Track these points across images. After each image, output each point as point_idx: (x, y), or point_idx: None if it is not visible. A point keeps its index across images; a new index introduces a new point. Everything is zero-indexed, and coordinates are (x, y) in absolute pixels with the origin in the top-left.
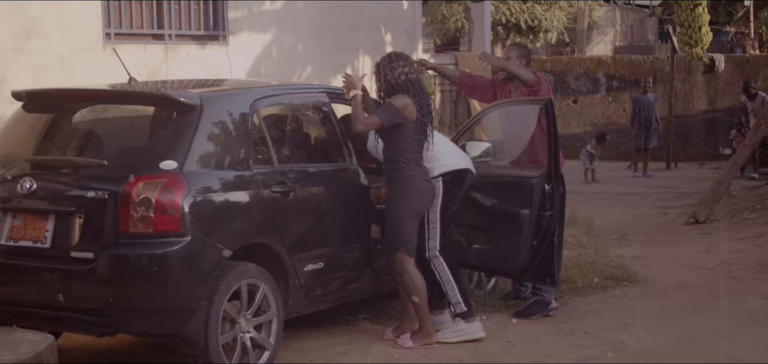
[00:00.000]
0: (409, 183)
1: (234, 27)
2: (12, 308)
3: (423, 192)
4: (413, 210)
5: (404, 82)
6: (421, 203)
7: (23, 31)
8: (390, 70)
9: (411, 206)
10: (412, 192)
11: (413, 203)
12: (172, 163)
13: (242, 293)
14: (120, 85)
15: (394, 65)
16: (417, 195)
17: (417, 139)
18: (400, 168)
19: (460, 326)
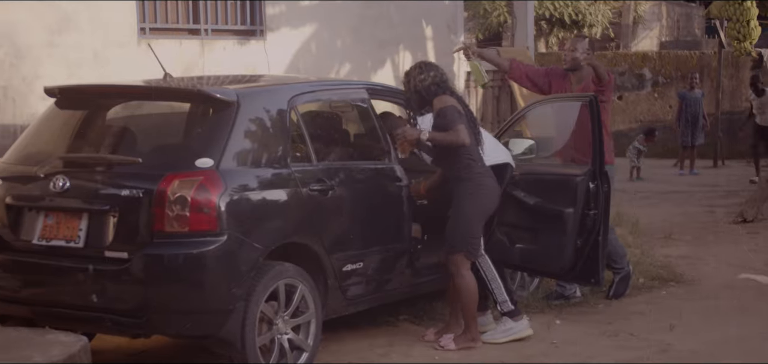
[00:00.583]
0: (477, 181)
1: (272, 22)
2: (44, 309)
3: (491, 190)
4: (482, 210)
5: (434, 86)
6: (489, 202)
7: (56, 27)
8: (420, 80)
9: (480, 206)
10: (479, 190)
11: (482, 202)
12: (208, 160)
13: (280, 293)
14: (155, 81)
15: (424, 76)
16: (485, 193)
17: (472, 134)
18: (466, 166)
19: (507, 325)
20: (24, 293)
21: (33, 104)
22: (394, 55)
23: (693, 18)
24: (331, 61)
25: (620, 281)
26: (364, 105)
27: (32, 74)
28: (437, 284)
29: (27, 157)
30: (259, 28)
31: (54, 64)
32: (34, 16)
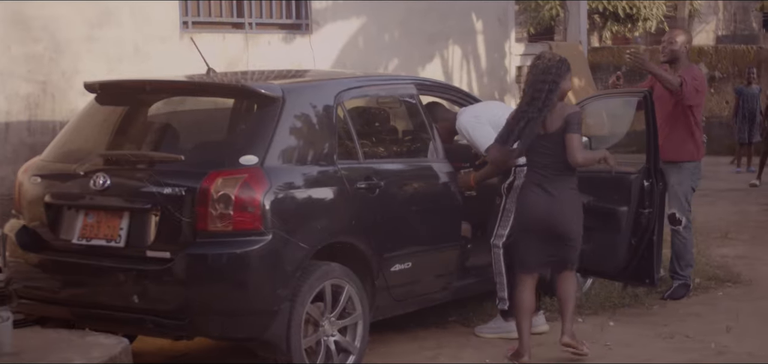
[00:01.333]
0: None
1: (318, 16)
2: (85, 310)
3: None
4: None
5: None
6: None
7: (96, 20)
8: (558, 74)
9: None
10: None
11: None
12: (253, 158)
13: (326, 294)
14: (198, 77)
15: (567, 76)
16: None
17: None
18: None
19: (498, 323)
20: (63, 294)
21: (72, 100)
22: (443, 50)
23: (750, 12)
24: (379, 55)
25: (680, 286)
26: (412, 101)
27: (72, 69)
28: (487, 284)
29: (66, 155)
30: (304, 22)
31: (94, 59)
32: (74, 9)
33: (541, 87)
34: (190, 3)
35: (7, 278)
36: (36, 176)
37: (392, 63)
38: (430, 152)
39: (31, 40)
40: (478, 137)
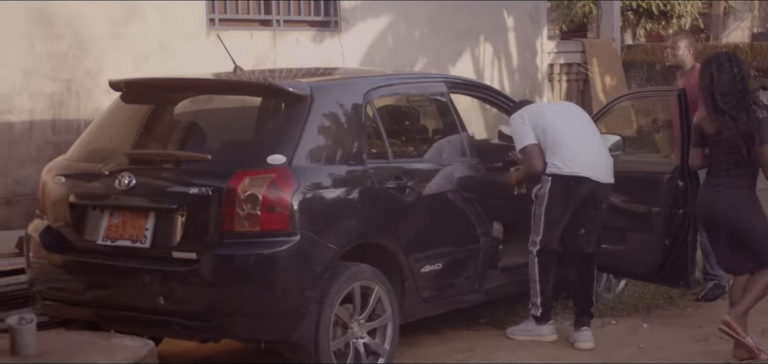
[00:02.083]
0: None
1: (347, 13)
2: (110, 312)
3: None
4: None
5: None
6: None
7: (121, 17)
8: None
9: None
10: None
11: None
12: (281, 157)
13: (355, 295)
14: (224, 75)
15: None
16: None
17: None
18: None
19: (529, 326)
20: (88, 295)
21: (97, 98)
22: (474, 48)
23: None
24: (408, 53)
25: (714, 286)
26: (442, 99)
27: (96, 67)
28: (519, 286)
29: (91, 154)
30: (333, 19)
31: (119, 56)
32: (99, 6)
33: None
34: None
35: (30, 279)
36: (60, 176)
37: (422, 61)
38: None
39: (55, 37)
40: (516, 136)
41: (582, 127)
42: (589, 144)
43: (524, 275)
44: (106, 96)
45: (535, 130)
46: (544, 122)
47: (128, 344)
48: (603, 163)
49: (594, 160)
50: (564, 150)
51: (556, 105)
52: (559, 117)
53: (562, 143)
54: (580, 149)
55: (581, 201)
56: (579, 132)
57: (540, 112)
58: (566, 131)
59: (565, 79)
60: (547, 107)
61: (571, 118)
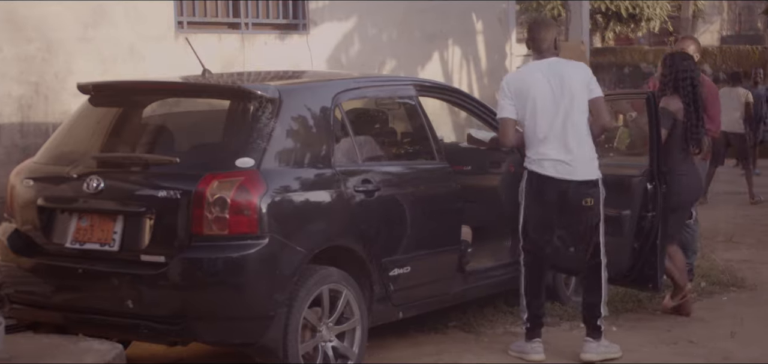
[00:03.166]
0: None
1: (315, 15)
2: (78, 315)
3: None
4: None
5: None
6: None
7: (90, 20)
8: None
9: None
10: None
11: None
12: (249, 160)
13: (324, 299)
14: (193, 78)
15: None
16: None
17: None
18: None
19: (520, 343)
20: (56, 299)
21: (65, 101)
22: (442, 50)
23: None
24: (377, 55)
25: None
26: (411, 102)
27: (65, 70)
28: (488, 289)
29: (59, 157)
30: (301, 22)
31: (87, 59)
32: (67, 9)
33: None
34: (185, 3)
35: None
36: (28, 179)
37: (390, 63)
38: (430, 155)
39: (24, 40)
40: (499, 103)
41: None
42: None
43: (493, 279)
44: (74, 99)
45: (516, 98)
46: (526, 90)
47: (96, 347)
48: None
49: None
50: (538, 139)
51: (535, 67)
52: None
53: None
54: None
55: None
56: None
57: (524, 80)
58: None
59: None
60: (530, 73)
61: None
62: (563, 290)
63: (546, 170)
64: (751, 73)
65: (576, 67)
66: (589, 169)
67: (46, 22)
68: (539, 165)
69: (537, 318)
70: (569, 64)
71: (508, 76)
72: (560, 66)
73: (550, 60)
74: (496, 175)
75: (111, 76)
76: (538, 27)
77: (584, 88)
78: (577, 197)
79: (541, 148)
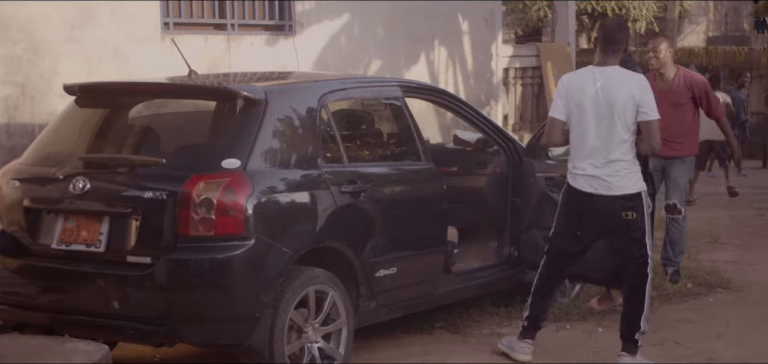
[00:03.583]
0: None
1: (301, 16)
2: (64, 317)
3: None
4: None
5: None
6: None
7: (76, 21)
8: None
9: None
10: None
11: None
12: (235, 161)
13: (310, 300)
14: (179, 79)
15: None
16: None
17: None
18: None
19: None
20: (42, 300)
21: (52, 102)
22: (429, 51)
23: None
24: (363, 57)
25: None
26: (397, 103)
27: (51, 71)
28: (474, 290)
29: (45, 158)
30: (287, 23)
31: (74, 60)
32: (53, 9)
33: None
34: (171, 3)
35: None
36: (14, 180)
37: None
38: (417, 156)
39: (9, 41)
40: (553, 100)
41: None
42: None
43: (479, 279)
44: (60, 100)
45: (564, 99)
46: (574, 91)
47: (83, 348)
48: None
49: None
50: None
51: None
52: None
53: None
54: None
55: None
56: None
57: (581, 80)
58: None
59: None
60: (588, 76)
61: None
62: None
63: (580, 185)
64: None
65: (630, 81)
66: (629, 183)
67: (32, 22)
68: (574, 178)
69: (535, 320)
70: (625, 77)
71: (566, 76)
72: (615, 78)
73: (609, 69)
74: (482, 177)
75: (97, 77)
76: (614, 29)
77: (633, 105)
78: (617, 212)
79: (578, 161)
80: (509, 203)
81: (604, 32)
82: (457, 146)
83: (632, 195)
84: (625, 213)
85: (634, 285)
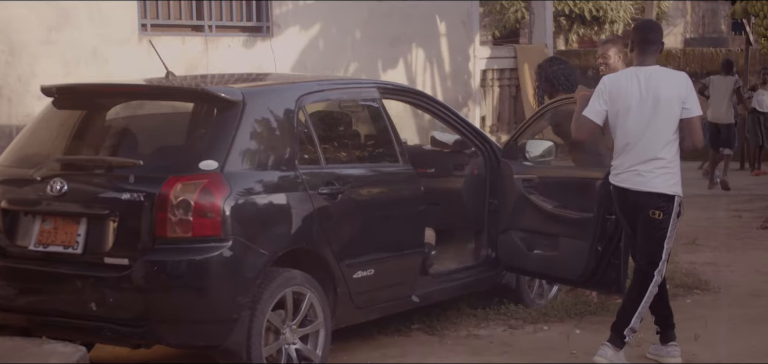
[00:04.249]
0: None
1: (279, 18)
2: (41, 318)
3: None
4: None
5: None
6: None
7: (54, 23)
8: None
9: None
10: None
11: None
12: (213, 163)
13: (287, 301)
14: (156, 80)
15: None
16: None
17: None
18: None
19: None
20: (20, 301)
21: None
22: (406, 53)
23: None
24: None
25: None
26: (375, 105)
27: (28, 72)
28: (451, 292)
29: (23, 160)
30: (265, 24)
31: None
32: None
33: None
34: (148, 5)
35: None
36: None
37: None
38: (394, 157)
39: None
40: (591, 100)
41: None
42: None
43: (456, 281)
44: (37, 102)
45: (608, 104)
46: (620, 95)
47: (60, 349)
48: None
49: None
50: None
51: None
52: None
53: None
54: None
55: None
56: None
57: (626, 82)
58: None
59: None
60: (628, 79)
61: None
62: (527, 293)
63: (622, 182)
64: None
65: (675, 79)
66: (665, 183)
67: (10, 24)
68: (617, 177)
69: (666, 321)
70: (668, 75)
71: (608, 78)
72: (659, 77)
73: (651, 69)
74: (459, 178)
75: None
76: (648, 29)
77: (678, 103)
78: (646, 208)
79: (622, 159)
80: (486, 205)
81: (640, 34)
82: (434, 148)
83: (665, 196)
84: (653, 211)
85: (637, 283)
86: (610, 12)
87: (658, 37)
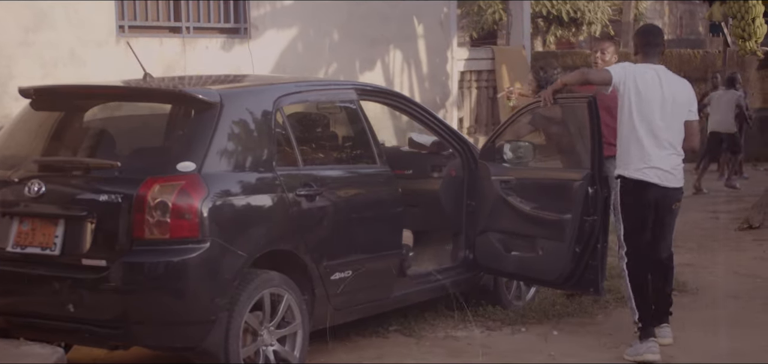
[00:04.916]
0: None
1: (256, 20)
2: (19, 320)
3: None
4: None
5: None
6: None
7: (31, 24)
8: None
9: None
10: None
11: None
12: (190, 164)
13: (265, 303)
14: (134, 82)
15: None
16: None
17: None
18: None
19: (635, 345)
20: None
21: (6, 105)
22: (384, 55)
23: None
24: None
25: None
26: (353, 106)
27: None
28: (429, 293)
29: (0, 161)
30: (243, 26)
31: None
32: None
33: None
34: (126, 6)
35: None
36: None
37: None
38: (372, 159)
39: None
40: (613, 67)
41: None
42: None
43: (434, 282)
44: (15, 103)
45: (629, 84)
46: (642, 83)
47: (38, 351)
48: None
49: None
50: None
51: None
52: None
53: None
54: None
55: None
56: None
57: (645, 75)
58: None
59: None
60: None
61: None
62: (505, 294)
63: (649, 178)
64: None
65: (683, 84)
66: (681, 177)
67: None
68: (642, 173)
69: (647, 317)
70: (677, 78)
71: (629, 63)
72: (671, 78)
73: (660, 67)
74: (437, 180)
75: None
76: (649, 33)
77: (686, 105)
78: (670, 202)
79: (644, 154)
80: (464, 206)
81: (644, 38)
82: (412, 149)
83: (681, 188)
84: (675, 203)
85: (662, 273)
86: (587, 13)
87: (660, 40)
